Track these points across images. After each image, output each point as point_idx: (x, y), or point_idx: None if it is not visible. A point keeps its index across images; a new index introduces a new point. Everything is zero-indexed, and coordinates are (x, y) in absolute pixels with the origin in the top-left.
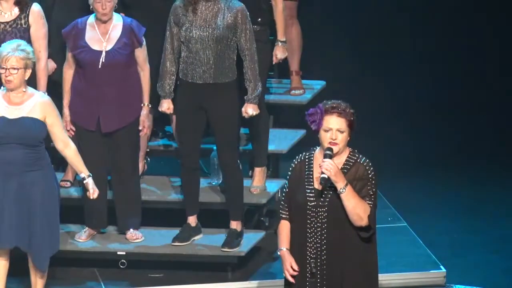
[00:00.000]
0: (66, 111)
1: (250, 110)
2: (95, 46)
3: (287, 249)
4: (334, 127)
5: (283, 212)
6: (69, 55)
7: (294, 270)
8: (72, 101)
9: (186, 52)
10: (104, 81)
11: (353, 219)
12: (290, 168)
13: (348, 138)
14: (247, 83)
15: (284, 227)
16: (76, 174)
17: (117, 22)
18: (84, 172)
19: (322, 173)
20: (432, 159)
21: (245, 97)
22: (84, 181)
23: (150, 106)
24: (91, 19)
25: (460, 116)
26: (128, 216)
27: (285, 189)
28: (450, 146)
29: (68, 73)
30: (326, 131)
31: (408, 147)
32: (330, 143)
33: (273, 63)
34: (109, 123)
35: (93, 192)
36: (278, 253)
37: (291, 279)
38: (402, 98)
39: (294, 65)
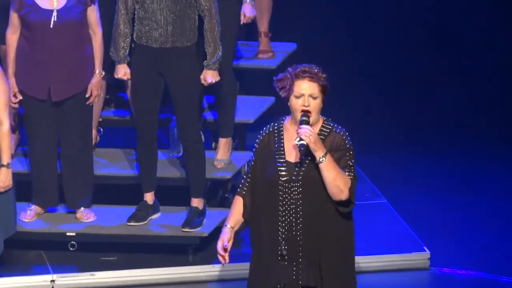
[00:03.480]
0: (12, 80)
1: (209, 77)
2: (44, 5)
3: (231, 227)
4: (306, 93)
5: (242, 187)
6: (13, 17)
7: (224, 249)
8: (19, 68)
9: (142, 12)
10: (56, 44)
11: (332, 192)
12: (257, 140)
13: (322, 105)
14: (206, 46)
15: (237, 203)
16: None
17: None
18: (4, 160)
19: (300, 139)
20: (413, 129)
21: (204, 62)
22: None
23: (103, 73)
24: None
25: (446, 89)
26: (78, 193)
27: (251, 162)
28: (434, 117)
29: (13, 38)
30: (297, 97)
31: (387, 117)
32: (302, 110)
33: (241, 22)
34: (60, 91)
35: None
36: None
37: (220, 259)
38: (381, 67)
39: (263, 26)
